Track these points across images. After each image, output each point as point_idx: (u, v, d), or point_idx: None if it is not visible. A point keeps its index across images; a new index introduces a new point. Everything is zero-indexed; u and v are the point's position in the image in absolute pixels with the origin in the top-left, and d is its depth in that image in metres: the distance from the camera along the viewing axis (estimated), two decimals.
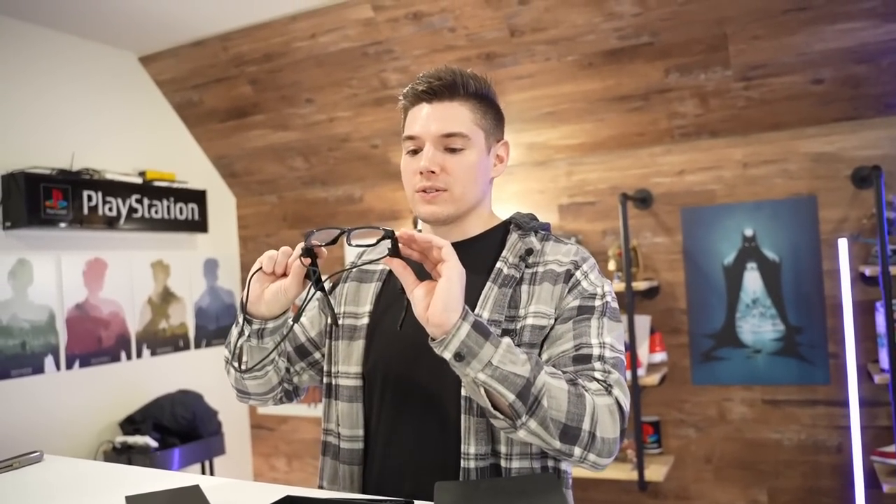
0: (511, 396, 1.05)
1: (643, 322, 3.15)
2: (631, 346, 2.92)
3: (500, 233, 1.37)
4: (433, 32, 3.15)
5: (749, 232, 3.09)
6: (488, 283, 1.28)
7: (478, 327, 1.07)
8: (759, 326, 3.07)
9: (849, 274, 2.80)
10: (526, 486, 1.07)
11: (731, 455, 3.15)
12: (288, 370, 1.46)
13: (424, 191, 1.29)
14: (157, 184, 3.59)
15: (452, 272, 1.07)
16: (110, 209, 3.31)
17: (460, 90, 1.28)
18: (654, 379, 3.01)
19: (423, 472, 1.25)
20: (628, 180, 3.32)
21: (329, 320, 1.38)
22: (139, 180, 3.52)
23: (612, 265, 3.16)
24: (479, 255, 1.34)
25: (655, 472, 3.01)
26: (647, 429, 3.19)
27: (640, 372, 3.00)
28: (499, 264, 1.30)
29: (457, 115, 1.28)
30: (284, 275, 1.24)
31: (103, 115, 3.52)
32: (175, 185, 3.70)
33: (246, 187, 4.30)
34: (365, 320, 1.36)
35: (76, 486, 1.48)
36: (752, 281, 3.08)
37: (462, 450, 1.19)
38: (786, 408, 3.05)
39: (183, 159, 3.96)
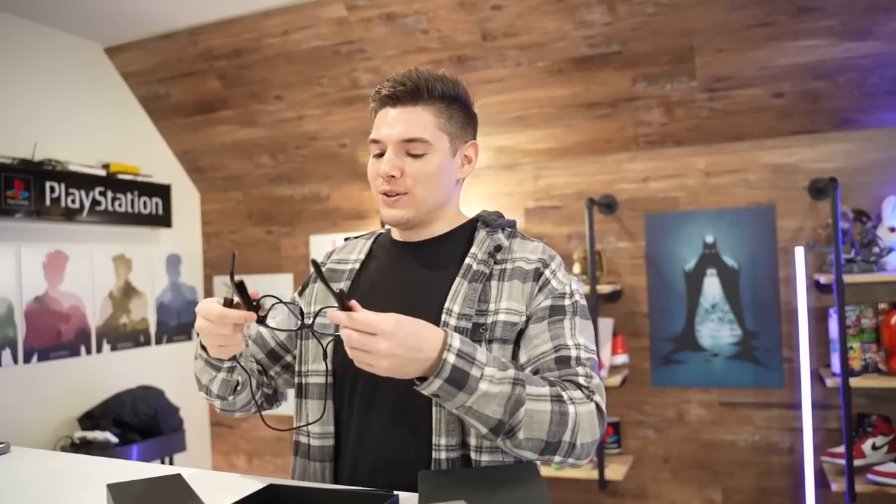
0: (484, 430, 1.12)
1: (606, 325, 3.22)
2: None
3: (467, 230, 1.40)
4: (406, 34, 3.17)
5: (710, 239, 3.18)
6: (458, 278, 1.31)
7: (453, 380, 1.09)
8: (717, 331, 3.17)
9: (804, 281, 2.91)
10: (507, 476, 1.10)
11: (688, 455, 3.24)
12: (265, 374, 1.47)
13: (387, 194, 1.32)
14: (121, 177, 3.54)
15: (381, 370, 1.07)
16: (73, 201, 3.25)
17: (424, 95, 1.30)
18: (615, 380, 3.07)
19: (395, 465, 1.27)
20: (594, 186, 3.39)
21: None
22: (103, 173, 3.46)
23: (577, 268, 3.22)
24: (448, 252, 1.37)
25: (615, 471, 3.08)
26: (607, 429, 3.25)
27: (603, 373, 3.06)
28: (468, 260, 1.33)
29: (418, 121, 1.29)
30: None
31: (68, 106, 3.46)
32: (139, 179, 3.66)
33: (211, 183, 4.26)
34: None
35: (47, 477, 1.47)
36: (712, 286, 3.18)
37: (433, 441, 1.22)
38: (741, 410, 3.15)
39: (148, 153, 3.91)
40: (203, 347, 1.29)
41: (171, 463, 3.48)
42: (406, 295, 1.34)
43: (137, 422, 3.31)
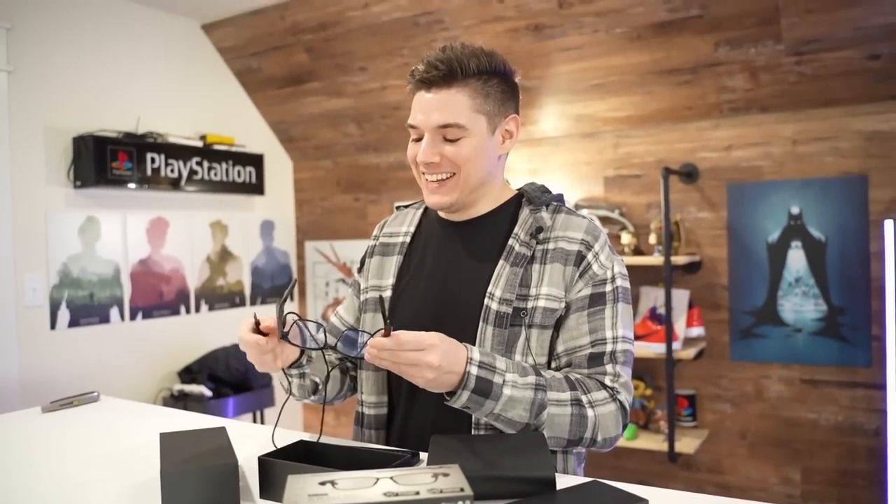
0: (511, 431, 1.21)
1: (681, 296, 3.16)
2: (667, 320, 2.95)
3: (511, 208, 1.41)
4: (482, 3, 3.18)
5: (795, 210, 3.05)
6: (500, 262, 1.33)
7: (479, 390, 1.16)
8: (800, 305, 3.05)
9: (894, 256, 2.75)
10: (515, 444, 1.15)
11: (766, 432, 3.16)
12: (348, 359, 1.55)
13: (430, 180, 1.35)
14: (216, 147, 3.75)
15: (423, 381, 1.13)
16: (172, 171, 3.49)
17: (458, 75, 1.28)
18: (689, 353, 3.02)
19: (441, 431, 1.33)
20: (675, 154, 3.31)
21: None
22: (200, 144, 3.68)
23: (652, 239, 3.17)
24: (491, 232, 1.39)
25: (687, 444, 3.05)
26: (682, 402, 3.22)
27: (676, 346, 3.02)
28: (510, 241, 1.35)
29: (453, 105, 1.29)
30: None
31: (167, 81, 3.69)
32: (234, 149, 3.86)
33: (302, 152, 4.44)
34: (388, 293, 1.44)
35: (126, 423, 1.64)
36: (796, 259, 3.05)
37: (473, 418, 1.28)
38: (824, 388, 3.04)
39: (242, 124, 4.11)
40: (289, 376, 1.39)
41: (261, 417, 3.72)
42: (451, 276, 1.38)
43: (230, 377, 3.56)
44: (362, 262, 1.56)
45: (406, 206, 1.59)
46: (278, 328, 1.21)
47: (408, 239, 1.49)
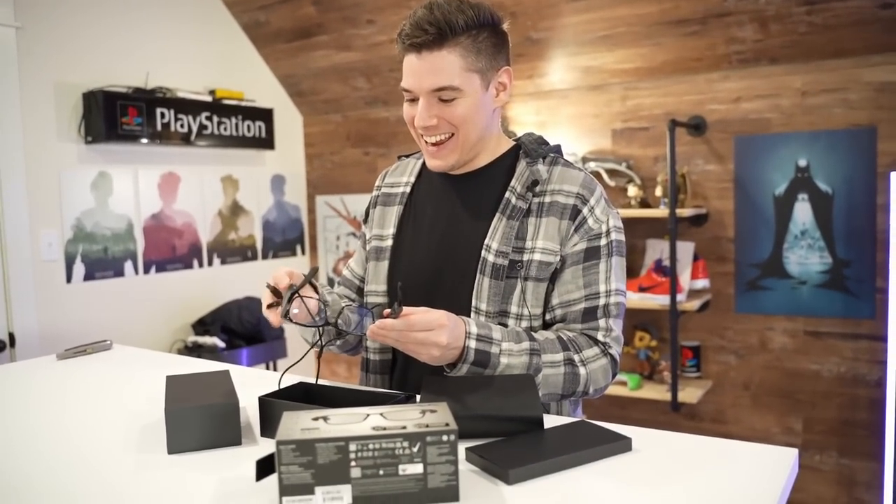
0: None
1: (686, 248, 3.18)
2: (672, 272, 2.97)
3: (508, 160, 1.43)
4: None
5: (803, 162, 3.04)
6: (497, 215, 1.36)
7: (478, 362, 1.22)
8: (806, 258, 3.06)
9: None
10: (504, 384, 1.19)
11: (769, 383, 3.20)
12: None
13: (430, 143, 1.36)
14: (226, 102, 3.77)
15: (427, 358, 1.18)
16: (182, 126, 3.51)
17: (448, 35, 1.26)
18: (694, 305, 3.05)
19: (440, 374, 1.39)
20: (683, 106, 3.29)
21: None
22: (209, 98, 3.70)
23: (658, 191, 3.18)
24: (489, 185, 1.41)
25: (691, 394, 3.10)
26: (686, 353, 3.26)
27: (681, 297, 3.05)
28: (507, 194, 1.37)
29: (445, 67, 1.27)
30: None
31: (176, 36, 3.69)
32: (243, 104, 3.87)
33: (312, 106, 4.45)
34: (389, 242, 1.48)
35: (136, 370, 1.70)
36: (803, 212, 3.05)
37: None
38: (828, 340, 3.06)
39: (251, 78, 4.12)
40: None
41: (274, 367, 3.80)
42: (449, 228, 1.42)
43: (243, 329, 3.63)
44: (367, 213, 1.60)
45: (407, 156, 1.61)
46: (282, 308, 1.20)
47: (408, 189, 1.52)
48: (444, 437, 0.88)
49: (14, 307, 3.00)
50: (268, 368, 3.81)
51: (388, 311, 1.14)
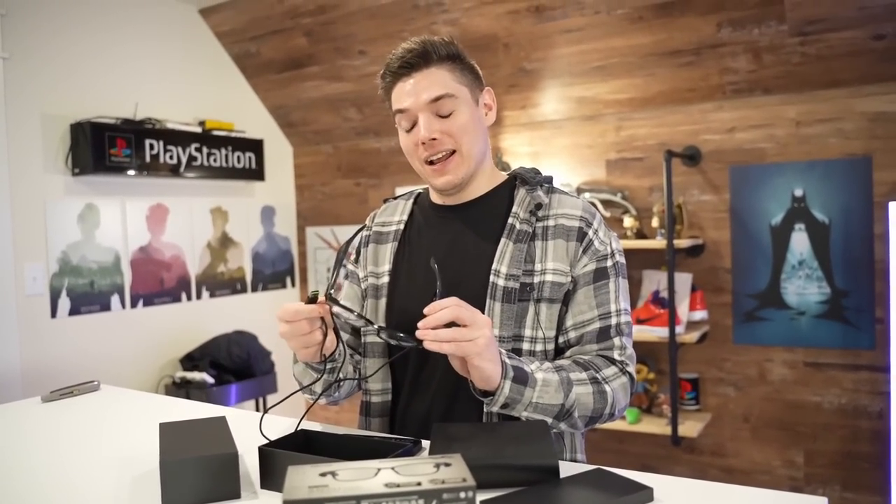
0: (550, 420, 1.21)
1: (684, 280, 3.15)
2: (670, 304, 2.93)
3: (506, 189, 1.43)
4: None
5: (799, 192, 3.03)
6: (503, 239, 1.35)
7: (518, 378, 1.17)
8: (804, 288, 3.03)
9: None
10: (518, 432, 1.14)
11: (769, 415, 3.15)
12: (356, 352, 1.51)
13: (432, 162, 1.34)
14: (215, 133, 3.73)
15: (477, 360, 1.12)
16: (171, 157, 3.46)
17: (433, 56, 1.32)
18: (692, 337, 3.01)
19: (445, 419, 1.33)
20: (677, 136, 3.28)
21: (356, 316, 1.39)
22: (199, 129, 3.65)
23: (655, 222, 3.15)
24: (489, 212, 1.40)
25: (690, 428, 3.05)
26: (685, 385, 3.22)
27: (679, 329, 3.01)
28: (510, 220, 1.36)
29: (438, 79, 1.32)
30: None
31: (165, 67, 3.66)
32: (233, 135, 3.83)
33: (302, 137, 4.41)
34: (385, 279, 1.44)
35: (126, 413, 1.63)
36: (800, 242, 3.03)
37: (475, 405, 1.28)
38: (828, 371, 3.03)
39: (241, 109, 4.08)
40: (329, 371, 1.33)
41: (264, 403, 3.72)
42: (453, 257, 1.38)
43: (232, 364, 3.55)
44: (357, 252, 1.55)
45: (395, 199, 1.58)
46: (327, 291, 1.20)
47: (401, 227, 1.49)
48: (462, 494, 0.83)
49: None
50: (257, 404, 3.73)
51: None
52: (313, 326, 1.19)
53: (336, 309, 1.24)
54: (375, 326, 1.25)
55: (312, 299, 1.18)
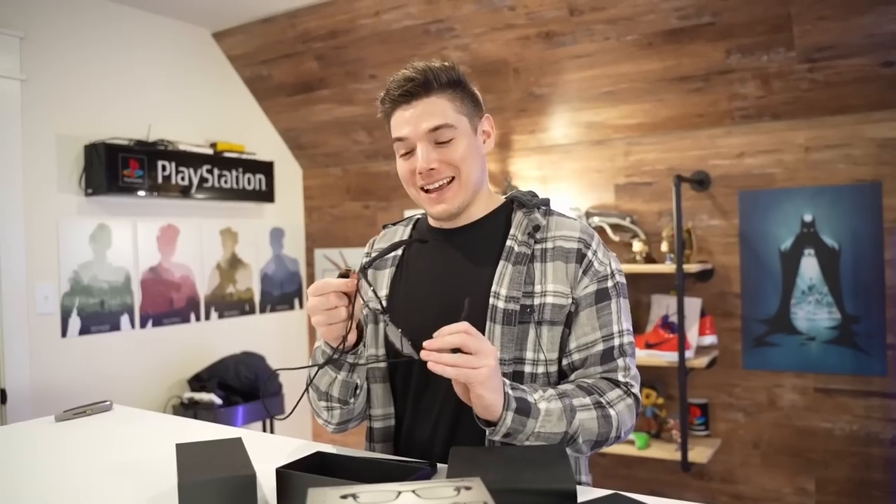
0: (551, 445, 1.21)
1: (693, 304, 3.15)
2: (679, 329, 2.93)
3: (504, 212, 1.43)
4: (493, 11, 3.18)
5: (808, 217, 3.03)
6: (501, 262, 1.35)
7: (520, 410, 1.17)
8: (814, 314, 3.03)
9: None
10: (535, 456, 1.13)
11: (779, 441, 3.13)
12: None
13: (427, 191, 1.35)
14: (227, 155, 3.76)
15: (479, 389, 1.12)
16: (183, 178, 3.49)
17: (434, 84, 1.32)
18: (702, 362, 3.00)
19: (449, 443, 1.33)
20: (686, 161, 3.29)
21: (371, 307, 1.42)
22: (210, 151, 3.69)
23: (664, 246, 3.16)
24: (487, 235, 1.40)
25: (700, 453, 3.02)
26: (694, 411, 3.20)
27: (689, 354, 3.00)
28: (509, 242, 1.36)
29: (437, 109, 1.32)
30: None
31: (178, 89, 3.70)
32: (244, 157, 3.86)
33: (312, 159, 4.44)
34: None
35: (139, 433, 1.63)
36: (810, 267, 3.03)
37: (478, 431, 1.26)
38: (838, 397, 3.01)
39: (252, 131, 4.12)
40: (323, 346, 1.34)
41: (271, 425, 3.71)
42: (451, 280, 1.39)
43: (240, 385, 3.55)
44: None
45: (394, 224, 1.59)
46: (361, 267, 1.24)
47: (399, 252, 1.49)
48: None
49: (7, 363, 2.92)
50: (264, 426, 3.72)
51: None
52: (340, 302, 1.22)
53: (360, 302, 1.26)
54: (387, 317, 1.25)
55: (344, 275, 1.21)
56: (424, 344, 1.12)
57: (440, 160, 1.32)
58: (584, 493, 1.10)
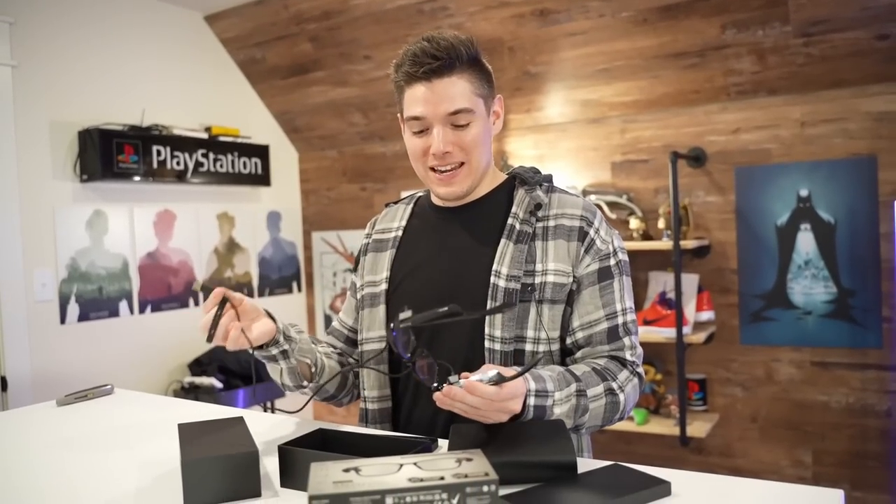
0: None
1: (691, 281, 3.16)
2: (677, 305, 2.94)
3: (506, 190, 1.43)
4: None
5: (804, 192, 3.04)
6: (503, 240, 1.34)
7: (535, 417, 1.18)
8: (810, 288, 3.04)
9: None
10: (535, 430, 1.15)
11: (777, 415, 3.16)
12: (352, 357, 1.53)
13: (439, 170, 1.34)
14: (221, 139, 3.75)
15: (494, 420, 1.13)
16: (178, 163, 3.48)
17: (456, 64, 1.29)
18: (699, 337, 3.02)
19: (451, 422, 1.34)
20: (682, 138, 3.29)
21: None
22: (205, 136, 3.67)
23: (661, 223, 3.16)
24: (489, 213, 1.40)
25: (698, 428, 3.05)
26: (692, 386, 3.22)
27: (686, 330, 3.01)
28: (510, 220, 1.36)
29: (458, 91, 1.30)
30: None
31: (171, 73, 3.68)
32: (239, 141, 3.85)
33: (307, 142, 4.43)
34: (383, 286, 1.44)
35: (142, 416, 1.64)
36: (806, 242, 3.04)
37: None
38: (835, 370, 3.03)
39: (247, 115, 4.10)
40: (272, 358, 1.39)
41: (272, 407, 3.72)
42: (452, 259, 1.39)
43: (240, 369, 3.56)
44: (357, 261, 1.56)
45: (395, 203, 1.58)
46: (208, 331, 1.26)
47: (399, 233, 1.49)
48: (485, 488, 0.84)
49: (6, 349, 2.93)
50: (265, 409, 3.73)
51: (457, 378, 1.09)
52: (228, 323, 1.27)
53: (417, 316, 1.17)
54: (424, 351, 1.17)
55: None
56: (442, 393, 1.07)
57: (455, 143, 1.32)
58: (585, 464, 1.11)
